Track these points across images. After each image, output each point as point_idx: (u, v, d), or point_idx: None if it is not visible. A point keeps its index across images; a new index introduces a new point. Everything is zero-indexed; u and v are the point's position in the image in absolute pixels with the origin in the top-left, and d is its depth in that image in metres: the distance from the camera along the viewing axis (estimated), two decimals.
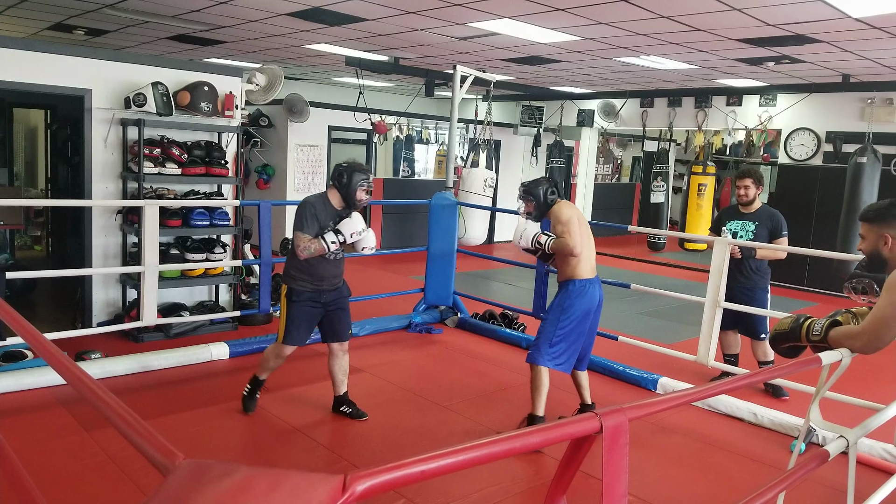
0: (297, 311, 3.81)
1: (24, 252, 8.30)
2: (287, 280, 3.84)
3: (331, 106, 10.22)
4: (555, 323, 3.75)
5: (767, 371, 3.32)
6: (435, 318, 6.32)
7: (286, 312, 3.84)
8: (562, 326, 3.73)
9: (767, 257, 4.73)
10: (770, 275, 4.89)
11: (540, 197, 3.85)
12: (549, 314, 3.85)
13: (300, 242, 3.63)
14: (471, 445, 1.24)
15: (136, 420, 1.28)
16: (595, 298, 3.82)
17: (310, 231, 3.66)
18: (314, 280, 3.79)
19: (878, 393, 4.12)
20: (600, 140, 13.04)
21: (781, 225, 4.75)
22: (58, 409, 3.91)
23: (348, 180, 3.73)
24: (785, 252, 4.68)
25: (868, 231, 2.52)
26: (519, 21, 6.11)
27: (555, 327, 3.74)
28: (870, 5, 4.93)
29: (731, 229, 4.84)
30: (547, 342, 3.73)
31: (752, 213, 4.84)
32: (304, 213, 3.67)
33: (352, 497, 0.98)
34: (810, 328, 2.49)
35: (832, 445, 2.23)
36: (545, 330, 3.78)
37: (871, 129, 8.39)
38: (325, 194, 3.82)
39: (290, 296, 3.81)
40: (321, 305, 3.86)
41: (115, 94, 5.18)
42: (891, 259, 2.46)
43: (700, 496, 3.42)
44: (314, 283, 3.80)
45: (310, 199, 3.75)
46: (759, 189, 4.85)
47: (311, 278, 3.79)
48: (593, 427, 1.41)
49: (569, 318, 3.74)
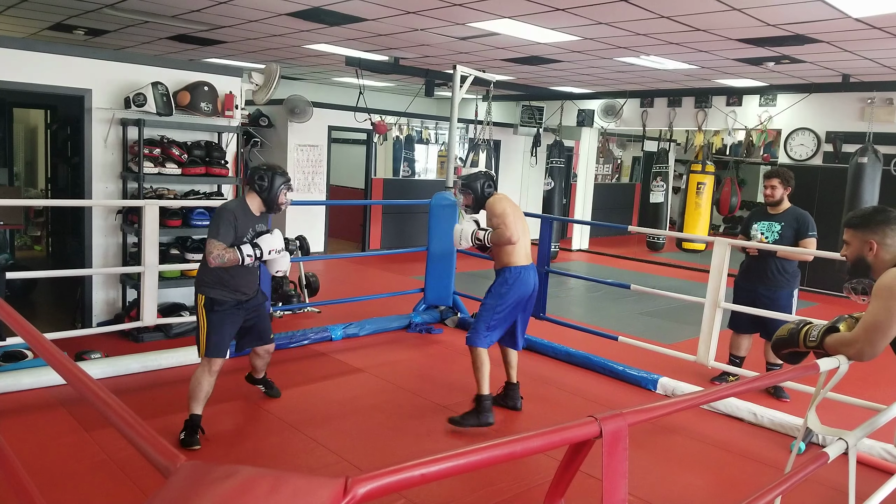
0: (219, 319, 3.59)
1: (24, 252, 8.29)
2: (203, 290, 3.60)
3: (331, 106, 10.22)
4: (492, 308, 4.00)
5: (767, 377, 3.33)
6: (435, 318, 6.32)
7: (206, 323, 3.58)
8: (498, 311, 3.99)
9: (790, 257, 4.64)
10: (799, 278, 4.79)
11: (477, 190, 4.09)
12: (486, 299, 4.07)
13: (213, 250, 3.43)
14: (472, 449, 1.24)
15: (136, 420, 1.28)
16: (530, 284, 4.06)
17: (225, 239, 3.47)
18: (230, 290, 3.61)
19: (877, 393, 4.12)
20: (600, 140, 13.03)
21: (808, 226, 4.65)
22: (58, 409, 3.91)
23: (270, 184, 3.60)
24: (811, 254, 4.57)
25: (852, 237, 2.53)
26: (519, 21, 6.11)
27: (492, 312, 4.00)
28: (870, 5, 4.92)
29: (759, 230, 4.78)
30: (484, 325, 3.99)
31: (780, 213, 4.76)
32: (220, 220, 3.49)
33: (353, 500, 0.98)
34: (807, 334, 2.50)
35: (832, 448, 2.23)
36: (483, 315, 4.02)
37: (872, 129, 8.39)
38: (243, 199, 3.66)
39: (211, 305, 3.58)
40: (241, 311, 3.70)
41: (115, 94, 5.18)
42: (875, 264, 2.47)
43: (700, 496, 3.42)
44: (231, 293, 3.61)
45: (228, 206, 3.59)
46: (786, 189, 4.75)
47: (227, 289, 3.60)
48: (593, 432, 1.41)
49: (504, 303, 4.00)
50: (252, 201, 3.64)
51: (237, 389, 4.34)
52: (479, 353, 4.00)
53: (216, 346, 3.59)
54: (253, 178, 3.63)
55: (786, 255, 4.62)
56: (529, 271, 4.07)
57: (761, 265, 4.70)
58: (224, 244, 3.48)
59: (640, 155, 15.31)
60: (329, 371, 4.92)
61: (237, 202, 3.66)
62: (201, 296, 3.60)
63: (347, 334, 5.67)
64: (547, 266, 5.58)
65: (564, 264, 10.36)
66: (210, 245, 3.46)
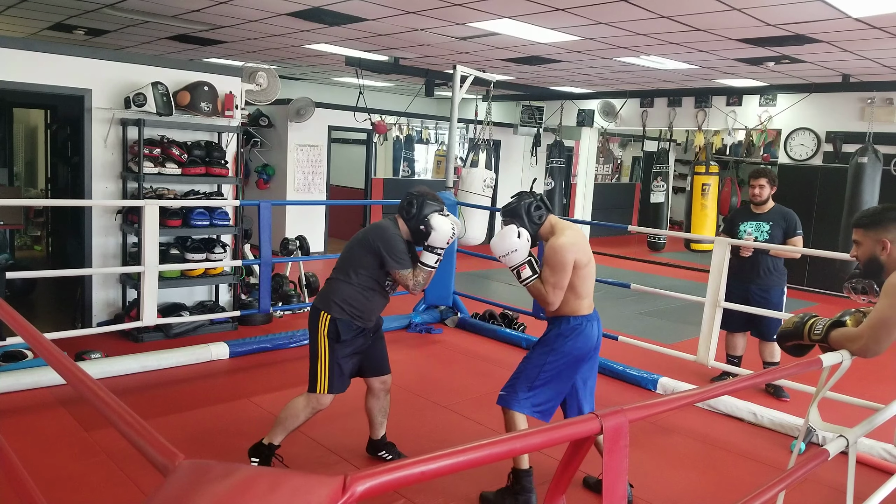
0: (344, 350, 3.19)
1: (24, 252, 8.29)
2: (331, 308, 3.18)
3: (331, 106, 10.22)
4: (540, 363, 3.09)
5: (768, 372, 3.30)
6: (435, 318, 6.32)
7: (328, 353, 3.17)
8: (547, 369, 3.08)
9: (783, 255, 4.71)
10: (787, 275, 4.86)
11: (523, 218, 3.12)
12: (534, 350, 3.19)
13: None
14: (471, 446, 1.24)
15: (135, 420, 1.28)
16: (593, 338, 3.13)
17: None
18: (362, 317, 3.24)
19: (877, 393, 4.12)
20: (600, 140, 13.03)
21: (795, 224, 4.72)
22: (58, 409, 3.91)
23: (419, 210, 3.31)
24: (801, 252, 4.65)
25: (863, 237, 2.50)
26: (519, 21, 6.11)
27: (539, 369, 3.08)
28: (870, 5, 4.92)
29: (745, 230, 4.81)
30: (526, 384, 3.08)
31: (766, 213, 4.81)
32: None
33: (352, 498, 0.98)
34: (812, 327, 2.48)
35: (832, 445, 2.23)
36: (527, 369, 3.11)
37: (872, 129, 8.39)
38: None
39: (336, 334, 3.16)
40: (366, 340, 3.32)
41: (115, 94, 5.18)
42: (888, 263, 2.44)
43: (700, 496, 3.42)
44: (361, 320, 3.24)
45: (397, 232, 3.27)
46: (773, 189, 4.82)
47: (358, 314, 3.22)
48: (593, 428, 1.41)
49: (558, 359, 3.08)
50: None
51: (236, 389, 4.34)
52: (513, 417, 3.10)
53: (339, 382, 3.21)
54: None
55: (778, 254, 4.68)
56: (593, 321, 3.14)
57: (753, 265, 4.73)
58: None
59: (640, 155, 15.31)
60: None
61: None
62: (326, 316, 3.16)
63: None
64: None
65: None
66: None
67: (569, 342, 3.08)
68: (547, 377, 3.07)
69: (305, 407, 3.22)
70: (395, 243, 3.19)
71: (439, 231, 3.22)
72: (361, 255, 3.23)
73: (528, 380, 3.09)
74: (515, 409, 3.08)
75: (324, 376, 3.17)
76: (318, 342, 3.18)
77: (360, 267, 3.21)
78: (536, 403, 3.07)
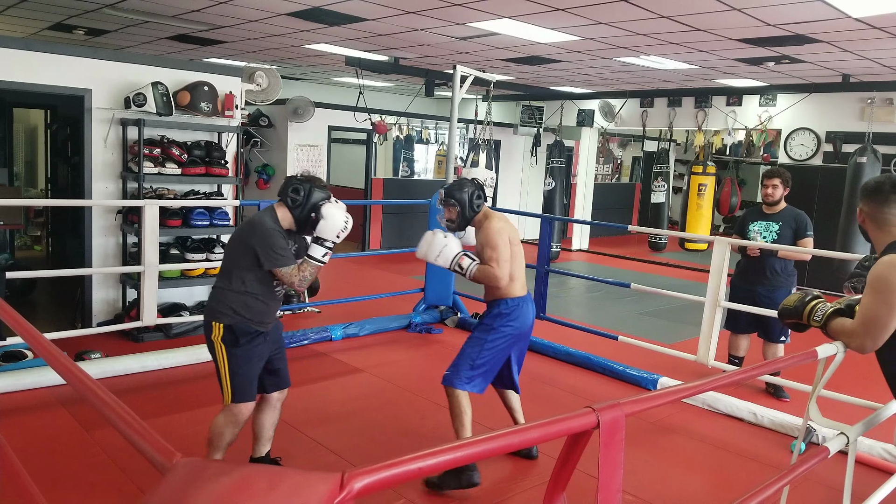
0: (245, 354, 2.96)
1: (24, 252, 8.29)
2: (219, 317, 2.95)
3: (331, 106, 10.22)
4: (481, 343, 3.32)
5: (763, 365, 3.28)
6: (435, 318, 6.32)
7: (228, 360, 2.94)
8: (488, 348, 3.32)
9: (790, 257, 4.66)
10: (796, 277, 4.80)
11: (465, 203, 3.35)
12: (474, 333, 3.41)
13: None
14: (468, 442, 1.24)
15: (135, 420, 1.28)
16: (529, 318, 3.43)
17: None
18: (258, 319, 3.00)
19: (877, 392, 4.11)
20: (600, 140, 13.03)
21: (806, 225, 4.67)
22: (58, 409, 3.91)
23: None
24: (809, 253, 4.60)
25: (860, 206, 2.54)
26: (519, 21, 6.11)
27: (480, 348, 3.31)
28: (870, 5, 4.92)
29: (754, 230, 4.78)
30: (468, 364, 3.30)
31: (777, 213, 4.76)
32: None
33: (350, 495, 0.98)
34: (814, 311, 2.48)
35: (833, 442, 2.23)
36: (468, 351, 3.34)
37: (871, 129, 8.39)
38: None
39: (234, 339, 2.93)
40: (268, 344, 3.08)
41: (115, 94, 5.18)
42: (874, 240, 2.46)
43: (700, 496, 3.42)
44: (258, 322, 3.00)
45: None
46: (786, 190, 4.76)
47: (257, 315, 2.99)
48: (590, 422, 1.41)
49: (497, 338, 3.33)
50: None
51: None
52: (457, 396, 3.28)
53: (242, 388, 2.97)
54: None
55: (787, 256, 4.62)
56: (528, 303, 3.44)
57: (760, 265, 4.70)
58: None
59: (640, 155, 15.31)
60: (329, 371, 4.92)
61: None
62: (218, 325, 2.94)
63: (347, 334, 5.67)
64: (547, 266, 5.58)
65: (565, 264, 10.35)
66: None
67: (508, 322, 3.35)
68: (488, 356, 3.33)
69: (226, 423, 2.99)
70: (273, 240, 2.93)
71: (330, 221, 2.99)
72: (240, 257, 2.98)
73: (470, 359, 3.32)
74: (458, 388, 3.29)
75: (227, 386, 2.96)
76: (216, 353, 2.96)
77: (243, 269, 2.95)
78: (473, 378, 3.31)
